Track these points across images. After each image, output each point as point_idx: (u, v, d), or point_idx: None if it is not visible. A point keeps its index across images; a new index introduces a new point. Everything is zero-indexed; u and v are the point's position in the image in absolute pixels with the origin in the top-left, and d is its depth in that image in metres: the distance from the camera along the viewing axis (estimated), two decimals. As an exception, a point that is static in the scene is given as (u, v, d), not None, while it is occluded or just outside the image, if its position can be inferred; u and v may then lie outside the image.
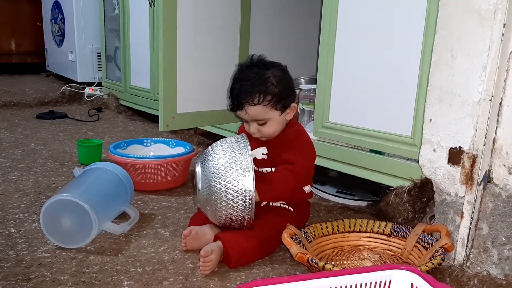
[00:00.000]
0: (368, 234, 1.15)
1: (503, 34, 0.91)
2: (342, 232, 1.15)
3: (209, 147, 1.09)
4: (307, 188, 1.19)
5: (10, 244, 1.08)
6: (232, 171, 1.02)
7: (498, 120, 0.97)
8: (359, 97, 1.34)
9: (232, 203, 1.02)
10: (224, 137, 1.14)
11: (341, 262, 1.07)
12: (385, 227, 1.14)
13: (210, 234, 1.07)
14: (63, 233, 1.06)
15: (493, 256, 0.98)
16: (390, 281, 0.75)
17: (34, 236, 1.12)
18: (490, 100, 0.94)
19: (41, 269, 0.97)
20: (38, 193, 1.41)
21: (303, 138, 1.17)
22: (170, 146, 1.66)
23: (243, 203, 1.02)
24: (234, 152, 1.04)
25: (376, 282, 0.74)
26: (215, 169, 1.02)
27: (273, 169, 1.15)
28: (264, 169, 1.16)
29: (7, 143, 1.99)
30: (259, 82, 1.08)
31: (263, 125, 1.12)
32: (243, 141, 1.07)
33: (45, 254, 1.04)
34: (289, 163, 1.11)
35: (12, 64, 4.28)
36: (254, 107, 1.09)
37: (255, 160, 1.14)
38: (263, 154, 1.16)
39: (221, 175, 1.02)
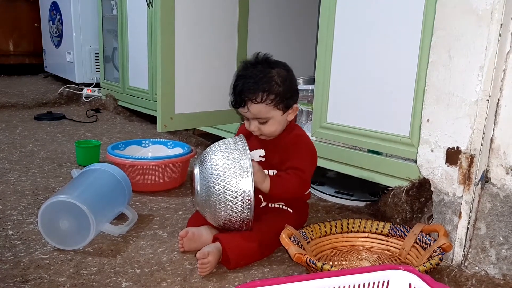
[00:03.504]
0: (366, 235, 1.15)
1: (500, 34, 0.92)
2: (341, 233, 1.15)
3: (207, 149, 1.09)
4: (305, 189, 1.20)
5: (7, 246, 1.07)
6: (231, 172, 1.01)
7: (495, 120, 0.97)
8: (357, 98, 1.34)
9: (231, 204, 1.01)
10: (222, 137, 1.14)
11: (339, 263, 1.07)
12: (383, 227, 1.14)
13: (208, 235, 1.07)
14: (61, 235, 1.06)
15: (491, 256, 0.98)
16: (388, 281, 0.75)
17: (32, 238, 1.12)
18: (488, 100, 0.94)
19: (39, 270, 0.97)
20: (36, 195, 1.40)
21: (307, 142, 1.16)
22: (168, 147, 1.66)
23: (242, 204, 1.01)
24: (233, 153, 1.04)
25: (374, 283, 0.74)
26: (214, 170, 1.02)
27: (271, 171, 1.15)
28: (261, 171, 1.16)
29: (5, 144, 1.98)
30: (264, 80, 1.08)
31: (264, 123, 1.11)
32: (241, 142, 1.07)
33: (43, 255, 1.04)
34: (299, 170, 1.10)
35: (10, 65, 4.27)
36: (257, 105, 1.08)
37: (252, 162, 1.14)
38: (260, 156, 1.16)
39: (220, 176, 1.01)
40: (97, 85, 3.20)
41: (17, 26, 4.20)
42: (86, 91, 3.12)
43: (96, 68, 3.30)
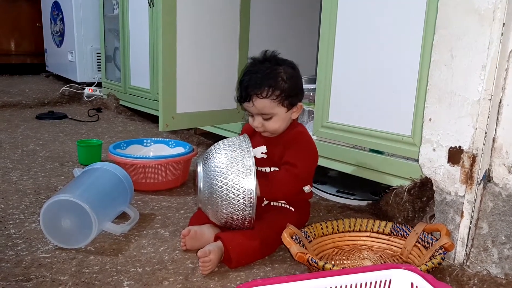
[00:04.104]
0: (368, 234, 1.15)
1: (502, 33, 0.91)
2: (342, 232, 1.15)
3: (211, 147, 1.09)
4: (306, 188, 1.19)
5: (10, 245, 1.08)
6: (234, 169, 1.02)
7: (497, 119, 0.97)
8: (359, 97, 1.34)
9: (233, 201, 1.02)
10: (224, 137, 1.14)
11: (341, 262, 1.07)
12: (385, 226, 1.14)
13: (210, 234, 1.07)
14: (63, 234, 1.06)
15: (493, 255, 0.98)
16: (390, 280, 0.75)
17: (34, 237, 1.12)
18: (490, 99, 0.94)
19: (41, 269, 0.97)
20: (37, 194, 1.40)
21: (306, 139, 1.16)
22: (170, 146, 1.66)
23: (244, 202, 1.02)
24: (236, 151, 1.04)
25: (376, 282, 0.74)
26: (217, 167, 1.03)
27: (272, 168, 1.15)
28: (263, 169, 1.16)
29: (7, 143, 1.99)
30: (270, 76, 1.09)
31: (268, 120, 1.11)
32: (245, 141, 1.07)
33: (45, 254, 1.04)
34: (292, 165, 1.11)
35: (12, 65, 4.27)
36: (262, 100, 1.09)
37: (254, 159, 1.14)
38: (262, 153, 1.16)
39: (223, 173, 1.02)
40: (99, 85, 3.20)
41: (19, 25, 4.20)
42: (87, 90, 3.13)
43: (98, 68, 3.30)
